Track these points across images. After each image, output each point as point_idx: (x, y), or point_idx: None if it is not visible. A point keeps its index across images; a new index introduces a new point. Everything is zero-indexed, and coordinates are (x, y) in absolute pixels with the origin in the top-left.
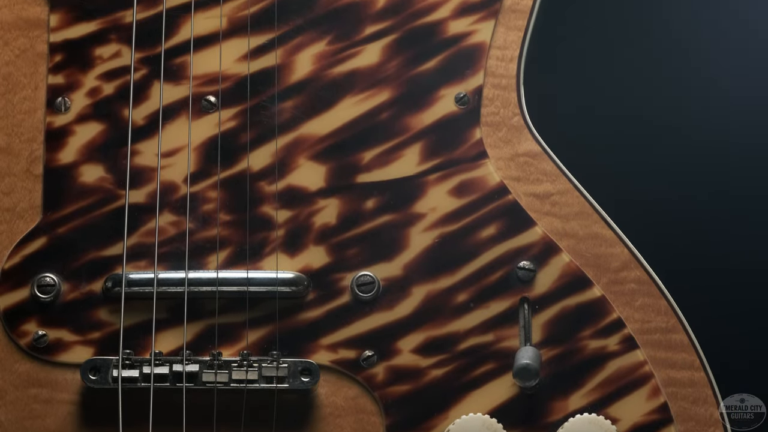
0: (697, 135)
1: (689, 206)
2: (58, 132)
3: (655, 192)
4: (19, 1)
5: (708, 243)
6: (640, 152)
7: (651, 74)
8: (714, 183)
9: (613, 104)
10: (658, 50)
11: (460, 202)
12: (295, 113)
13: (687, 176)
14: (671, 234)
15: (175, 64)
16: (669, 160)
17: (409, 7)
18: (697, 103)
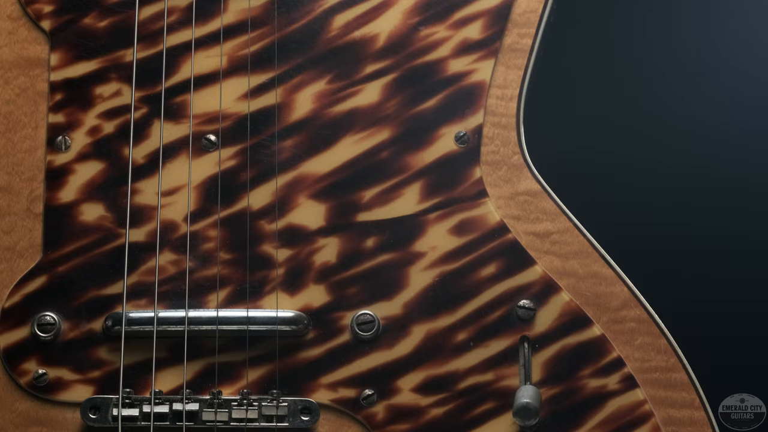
0: (696, 172)
1: (689, 243)
2: (58, 171)
3: (655, 229)
4: (19, 40)
5: (708, 277)
6: (640, 190)
7: (651, 112)
8: (715, 219)
9: (613, 142)
10: (657, 87)
11: (460, 240)
12: (295, 152)
13: (687, 214)
14: (671, 270)
15: (176, 102)
16: (668, 198)
17: (409, 46)
18: (697, 141)
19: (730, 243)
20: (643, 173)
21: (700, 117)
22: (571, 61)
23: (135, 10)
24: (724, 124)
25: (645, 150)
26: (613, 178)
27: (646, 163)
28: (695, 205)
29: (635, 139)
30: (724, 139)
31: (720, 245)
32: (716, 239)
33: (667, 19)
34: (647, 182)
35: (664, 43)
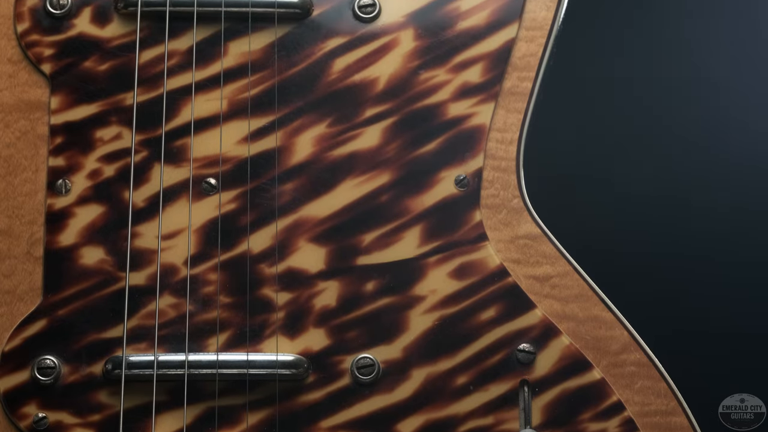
0: (693, 215)
1: (688, 286)
2: (58, 214)
3: (654, 274)
4: (20, 84)
5: (708, 319)
6: (639, 233)
7: (650, 157)
8: (714, 265)
9: (612, 186)
10: (657, 131)
11: (460, 284)
12: (296, 195)
13: (686, 257)
14: (671, 317)
15: (176, 146)
16: (667, 243)
17: (409, 89)
18: (696, 182)
19: (731, 290)
20: (643, 219)
21: (699, 161)
22: (565, 93)
23: (135, 53)
24: (729, 164)
25: (645, 196)
26: (613, 222)
27: (646, 209)
28: (698, 254)
29: (635, 185)
30: (729, 181)
31: (721, 291)
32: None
33: (667, 52)
34: (644, 228)
35: (660, 80)
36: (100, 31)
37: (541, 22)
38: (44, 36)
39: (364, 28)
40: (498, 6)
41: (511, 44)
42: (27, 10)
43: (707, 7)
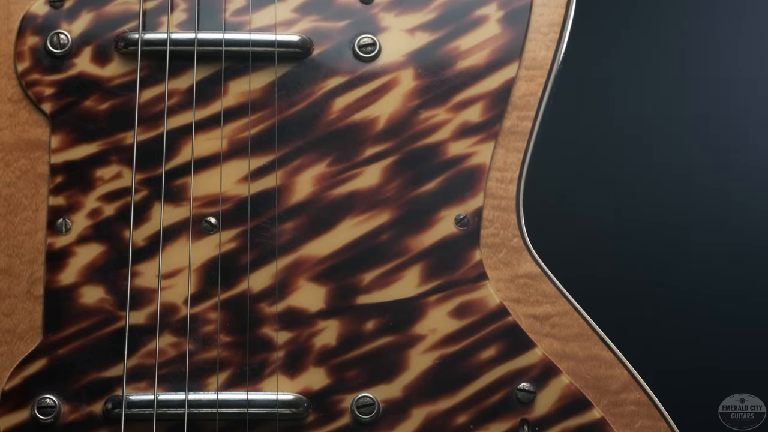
0: (694, 252)
1: (688, 326)
2: (58, 253)
3: (654, 312)
4: (20, 123)
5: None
6: (638, 272)
7: (650, 197)
8: (712, 304)
9: (612, 225)
10: (657, 170)
11: (461, 323)
12: (296, 234)
13: (685, 296)
14: (670, 354)
15: (176, 185)
16: (665, 284)
17: (409, 128)
18: (696, 218)
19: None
20: (642, 257)
21: (694, 204)
22: (572, 139)
23: (136, 92)
24: (730, 201)
25: (644, 235)
26: (612, 260)
27: (645, 248)
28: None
29: (635, 223)
30: (729, 218)
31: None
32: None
33: (666, 89)
34: (643, 266)
35: (659, 117)
36: (101, 71)
37: (541, 62)
38: (45, 75)
39: (364, 68)
40: (498, 45)
41: (511, 84)
42: (27, 49)
43: (704, 44)
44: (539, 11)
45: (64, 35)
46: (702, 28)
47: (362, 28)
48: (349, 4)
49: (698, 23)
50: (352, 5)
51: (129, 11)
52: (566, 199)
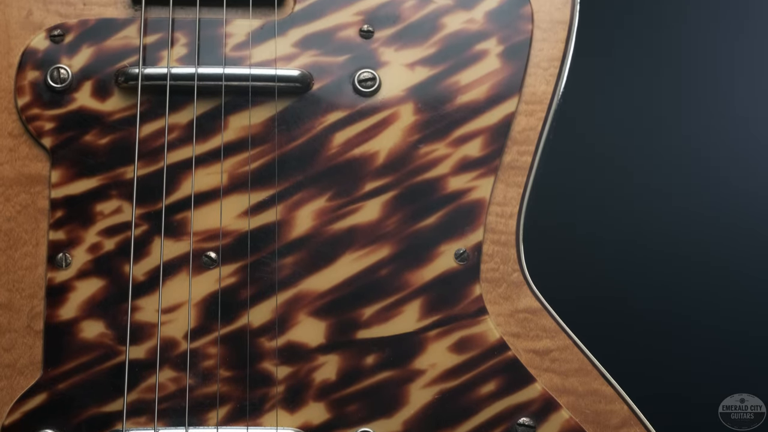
0: (694, 284)
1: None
2: (58, 288)
3: (654, 347)
4: (20, 157)
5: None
6: (637, 308)
7: (649, 231)
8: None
9: (611, 261)
10: (656, 205)
11: (460, 358)
12: (296, 269)
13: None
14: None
15: (176, 220)
16: (664, 320)
17: (409, 163)
18: (694, 256)
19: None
20: (641, 294)
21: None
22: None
23: (136, 127)
24: (728, 230)
25: (643, 273)
26: (612, 296)
27: (644, 284)
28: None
29: (634, 263)
30: (728, 252)
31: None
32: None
33: (666, 126)
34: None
35: (658, 154)
36: (101, 105)
37: (541, 96)
38: (45, 110)
39: (364, 102)
40: (497, 80)
41: (510, 118)
42: (28, 84)
43: (703, 79)
44: (539, 46)
45: (65, 70)
46: (702, 64)
47: (362, 63)
48: (349, 38)
49: (697, 63)
50: (352, 40)
51: (129, 46)
52: (566, 233)
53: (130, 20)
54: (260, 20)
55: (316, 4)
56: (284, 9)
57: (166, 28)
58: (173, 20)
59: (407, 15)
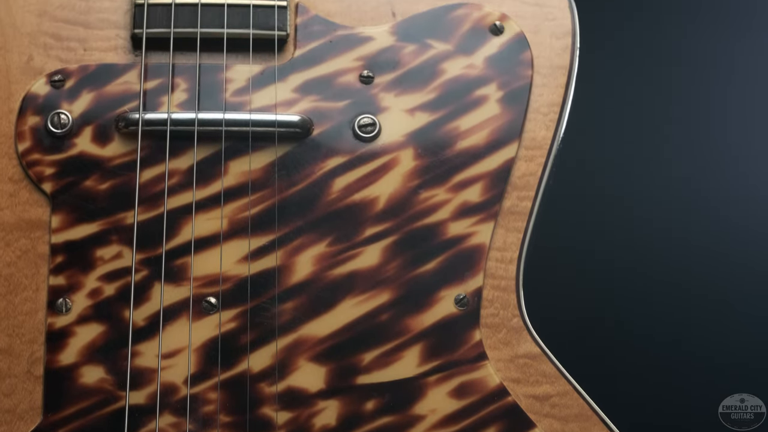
0: (694, 332)
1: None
2: (58, 333)
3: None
4: (21, 203)
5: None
6: (637, 354)
7: (648, 279)
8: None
9: (611, 308)
10: (656, 252)
11: (460, 403)
12: (296, 314)
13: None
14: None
15: (176, 265)
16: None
17: (409, 208)
18: (693, 305)
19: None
20: (640, 339)
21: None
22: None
23: (136, 172)
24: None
25: (643, 319)
26: (611, 341)
27: (643, 330)
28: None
29: (633, 310)
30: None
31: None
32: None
33: (665, 171)
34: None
35: (658, 202)
36: (101, 150)
37: (541, 142)
38: (45, 155)
39: (364, 148)
40: (497, 125)
41: (510, 163)
42: (28, 129)
43: (702, 114)
44: (539, 91)
45: (65, 115)
46: (699, 94)
47: (362, 108)
48: (349, 83)
49: (696, 93)
50: (352, 85)
51: (129, 91)
52: (566, 277)
53: (131, 66)
54: (260, 66)
55: (316, 50)
56: (284, 54)
57: (167, 73)
58: (173, 66)
59: (407, 60)
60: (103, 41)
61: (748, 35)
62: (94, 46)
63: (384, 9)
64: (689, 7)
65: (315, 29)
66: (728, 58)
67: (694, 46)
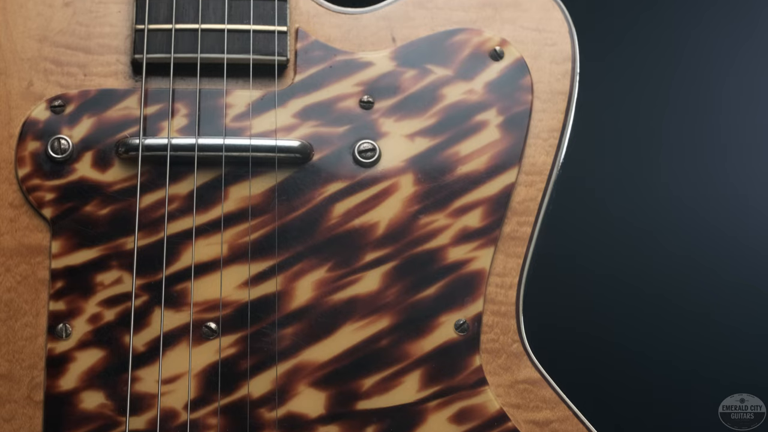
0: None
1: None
2: (59, 358)
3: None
4: (21, 228)
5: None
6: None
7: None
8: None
9: (611, 334)
10: (655, 281)
11: (460, 429)
12: (296, 340)
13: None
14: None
15: (176, 290)
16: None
17: (409, 234)
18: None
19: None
20: (640, 366)
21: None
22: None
23: (136, 198)
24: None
25: (643, 346)
26: (610, 368)
27: (643, 356)
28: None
29: (634, 338)
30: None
31: None
32: None
33: (665, 203)
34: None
35: (658, 229)
36: (101, 176)
37: (541, 167)
38: (45, 180)
39: (364, 173)
40: (497, 151)
41: (510, 189)
42: (28, 154)
43: (700, 147)
44: (538, 117)
45: (65, 140)
46: (693, 113)
47: (362, 134)
48: (349, 109)
49: (687, 111)
50: (352, 110)
51: (130, 116)
52: (566, 301)
53: (131, 91)
54: (260, 91)
55: (316, 75)
56: (284, 80)
57: (167, 99)
58: (174, 91)
59: (407, 86)
60: (104, 66)
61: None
62: (94, 71)
63: (384, 34)
64: (697, 42)
65: (315, 54)
66: (727, 69)
67: (690, 50)
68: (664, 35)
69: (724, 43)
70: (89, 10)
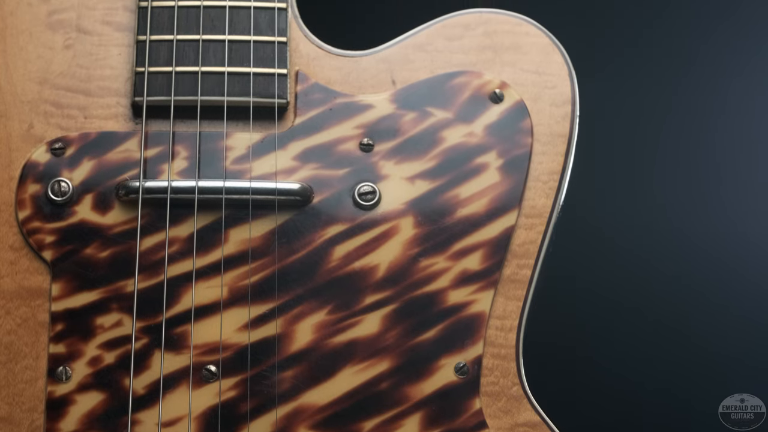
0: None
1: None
2: (59, 401)
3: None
4: (21, 270)
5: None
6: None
7: (650, 346)
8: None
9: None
10: (656, 321)
11: None
12: (295, 383)
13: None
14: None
15: (176, 333)
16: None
17: (409, 276)
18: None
19: None
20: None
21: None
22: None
23: (137, 240)
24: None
25: (644, 381)
26: (609, 406)
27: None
28: None
29: (635, 372)
30: None
31: None
32: None
33: (667, 239)
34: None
35: (657, 267)
36: (102, 218)
37: (541, 210)
38: (45, 223)
39: (364, 216)
40: (497, 194)
41: (510, 232)
42: (29, 197)
43: (705, 174)
44: (538, 159)
45: (65, 183)
46: (692, 135)
47: (362, 176)
48: (349, 151)
49: (689, 132)
50: (352, 153)
51: (130, 159)
52: (563, 342)
53: (131, 134)
54: (261, 133)
55: (316, 118)
56: (284, 122)
57: (167, 141)
58: (174, 133)
59: (407, 128)
60: (104, 109)
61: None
62: (94, 113)
63: (384, 77)
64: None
65: (315, 97)
66: (721, 107)
67: (687, 89)
68: (663, 77)
69: (719, 83)
70: (89, 52)
